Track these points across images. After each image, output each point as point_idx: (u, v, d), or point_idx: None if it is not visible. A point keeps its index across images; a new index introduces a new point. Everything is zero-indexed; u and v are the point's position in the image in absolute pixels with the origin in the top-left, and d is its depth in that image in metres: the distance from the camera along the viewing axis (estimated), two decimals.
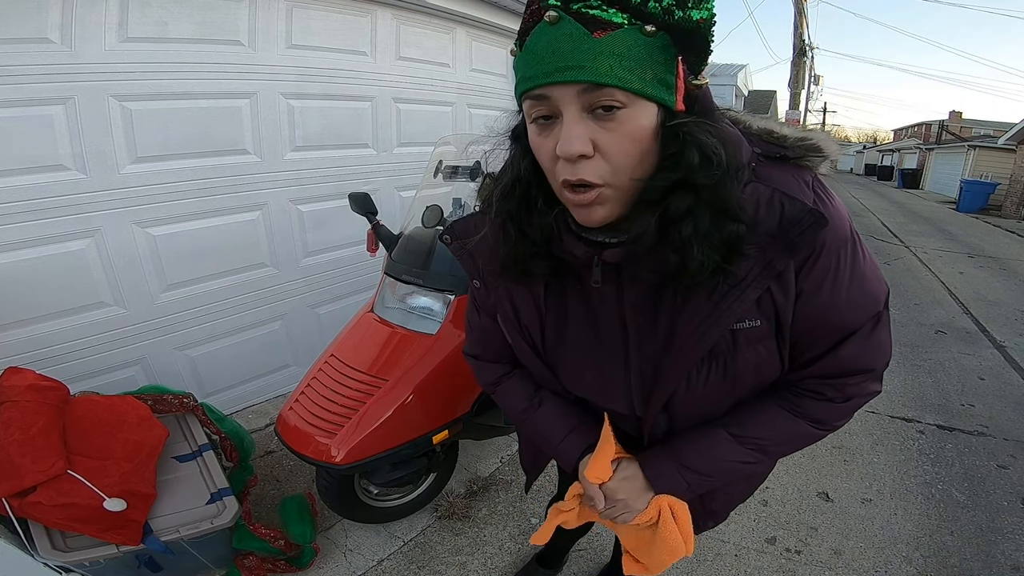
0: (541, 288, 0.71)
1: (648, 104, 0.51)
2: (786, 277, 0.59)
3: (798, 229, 0.56)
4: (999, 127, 17.70)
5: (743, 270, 0.57)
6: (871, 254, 0.65)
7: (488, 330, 0.84)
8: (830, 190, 0.62)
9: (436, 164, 1.83)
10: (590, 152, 0.51)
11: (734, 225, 0.55)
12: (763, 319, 0.62)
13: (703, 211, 0.54)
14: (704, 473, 0.74)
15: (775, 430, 0.70)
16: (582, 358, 0.74)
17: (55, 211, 1.63)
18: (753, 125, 0.66)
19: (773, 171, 0.61)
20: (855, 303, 0.63)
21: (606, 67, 0.48)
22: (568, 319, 0.72)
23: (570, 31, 0.48)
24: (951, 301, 4.45)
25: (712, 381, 0.68)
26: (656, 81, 0.50)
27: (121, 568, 1.27)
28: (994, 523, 1.81)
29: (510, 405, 0.87)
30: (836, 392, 0.68)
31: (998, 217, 10.86)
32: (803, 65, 11.70)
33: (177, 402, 1.64)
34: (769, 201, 0.57)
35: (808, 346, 0.66)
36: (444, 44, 2.83)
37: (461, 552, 1.65)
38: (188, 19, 1.81)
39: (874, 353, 0.67)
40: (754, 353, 0.65)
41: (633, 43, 0.48)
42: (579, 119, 0.51)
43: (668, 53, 0.50)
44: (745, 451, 0.71)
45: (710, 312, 0.60)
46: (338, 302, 2.61)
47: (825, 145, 0.64)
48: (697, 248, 0.54)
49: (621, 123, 0.51)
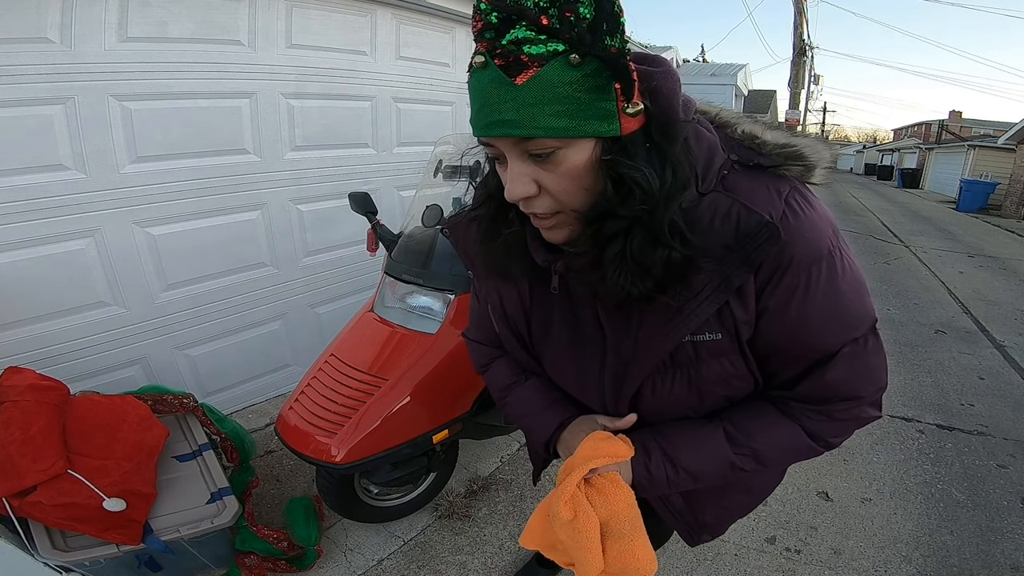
0: (526, 286, 0.73)
1: (583, 141, 0.50)
2: (746, 292, 0.58)
3: (754, 243, 0.54)
4: (999, 127, 17.69)
5: (699, 283, 0.57)
6: (856, 273, 0.62)
7: (484, 316, 0.85)
8: (810, 202, 0.59)
9: (436, 164, 1.83)
10: (533, 192, 0.54)
11: (665, 251, 0.54)
12: (724, 333, 0.61)
13: (636, 234, 0.54)
14: (688, 469, 0.69)
15: (772, 434, 0.68)
16: (565, 354, 0.76)
17: (55, 211, 1.62)
18: (739, 129, 0.63)
19: (744, 180, 0.59)
20: (830, 323, 0.60)
21: (529, 118, 0.48)
22: (553, 318, 0.74)
23: (495, 77, 0.48)
24: (951, 301, 4.45)
25: (677, 389, 0.67)
26: (588, 116, 0.49)
27: (121, 568, 1.27)
28: (994, 523, 1.81)
29: (496, 383, 0.89)
30: (822, 416, 0.66)
31: (998, 217, 10.86)
32: (803, 65, 11.71)
33: (177, 402, 1.64)
34: (727, 213, 0.56)
35: (783, 365, 0.64)
36: (444, 44, 2.83)
37: (461, 552, 1.65)
38: (188, 19, 1.81)
39: (860, 379, 0.64)
40: (718, 366, 0.64)
41: (558, 81, 0.46)
42: (520, 164, 0.53)
43: (600, 79, 0.48)
44: (735, 452, 0.68)
45: (665, 323, 0.60)
46: (338, 302, 2.61)
47: (810, 153, 0.61)
48: (614, 270, 0.55)
49: (558, 164, 0.52)
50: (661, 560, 1.61)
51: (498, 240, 0.66)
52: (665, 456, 0.70)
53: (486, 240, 0.69)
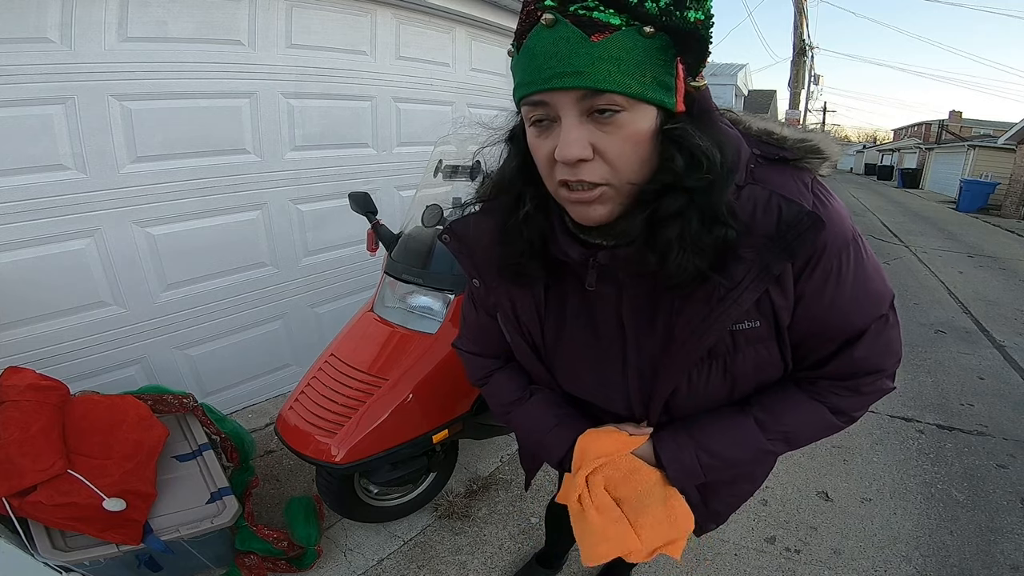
0: (541, 289, 0.71)
1: (647, 107, 0.51)
2: (785, 280, 0.60)
3: (796, 232, 0.56)
4: (999, 127, 17.70)
5: (740, 273, 0.57)
6: (874, 256, 0.65)
7: (484, 327, 0.83)
8: (830, 192, 0.62)
9: (436, 163, 1.83)
10: (589, 156, 0.51)
11: (723, 229, 0.54)
12: (763, 320, 0.62)
13: (693, 214, 0.53)
14: (722, 457, 0.71)
15: (799, 416, 0.70)
16: (581, 359, 0.74)
17: (55, 211, 1.62)
18: (753, 126, 0.66)
19: (772, 173, 0.61)
20: (859, 305, 0.63)
21: (604, 72, 0.48)
22: (567, 320, 0.72)
23: (567, 35, 0.48)
24: (951, 301, 4.45)
25: (713, 380, 0.68)
26: (655, 83, 0.50)
27: (121, 567, 1.27)
28: (993, 523, 1.81)
29: (498, 398, 0.86)
30: (850, 392, 0.68)
31: (998, 217, 10.85)
32: (803, 65, 11.70)
33: (177, 402, 1.64)
34: (767, 204, 0.57)
35: (815, 348, 0.66)
36: (444, 44, 2.83)
37: (461, 551, 1.65)
38: (188, 18, 1.81)
39: (884, 354, 0.67)
40: (754, 353, 0.65)
41: (631, 46, 0.48)
42: (578, 123, 0.51)
43: (667, 54, 0.49)
44: (766, 438, 0.70)
45: (708, 314, 0.60)
46: (338, 301, 2.61)
47: (825, 146, 0.63)
48: (678, 251, 0.54)
49: (620, 127, 0.51)
50: (661, 559, 1.61)
51: (515, 236, 0.64)
52: (699, 447, 0.71)
53: (503, 238, 0.66)
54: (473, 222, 0.74)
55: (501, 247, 0.67)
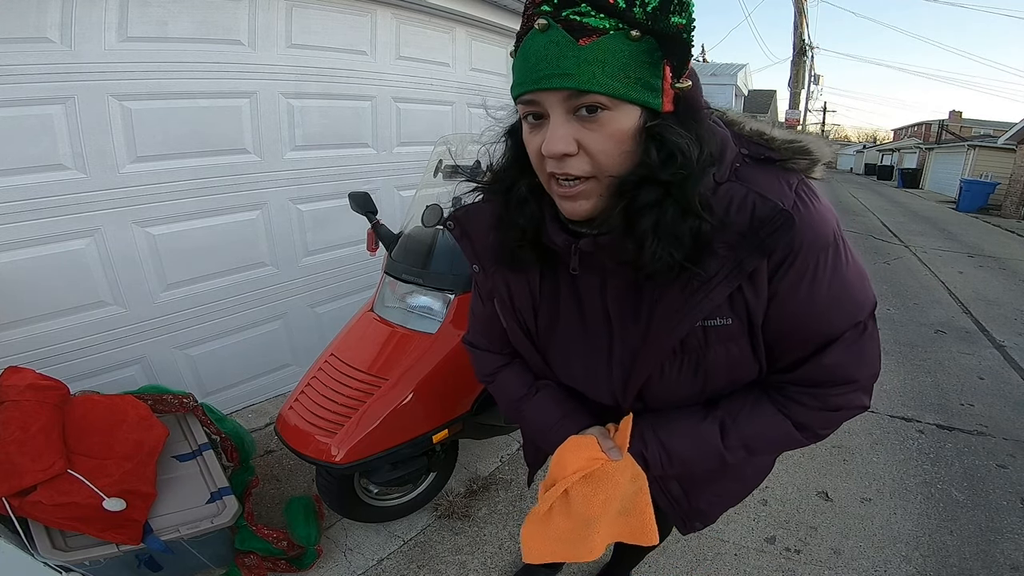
0: (536, 276, 0.74)
1: (630, 107, 0.54)
2: (758, 277, 0.61)
3: (768, 229, 0.57)
4: (999, 127, 17.70)
5: (713, 268, 0.59)
6: (858, 262, 0.65)
7: (490, 318, 0.85)
8: (816, 194, 0.63)
9: (436, 163, 1.83)
10: (574, 151, 0.55)
11: (696, 221, 0.56)
12: (735, 318, 0.63)
13: (669, 205, 0.56)
14: (681, 457, 0.73)
15: (762, 426, 0.70)
16: (571, 347, 0.76)
17: (55, 210, 1.62)
18: (746, 126, 0.68)
19: (756, 172, 0.62)
20: (835, 308, 0.63)
21: (589, 74, 0.51)
22: (560, 309, 0.75)
23: (557, 39, 0.51)
24: (951, 301, 4.45)
25: (684, 375, 0.69)
26: (639, 84, 0.52)
27: (121, 567, 1.27)
28: (993, 523, 1.81)
29: (506, 394, 0.88)
30: (818, 401, 0.68)
31: (998, 217, 10.86)
32: (803, 65, 11.71)
33: (177, 402, 1.64)
34: (742, 201, 0.59)
35: (788, 350, 0.67)
36: (444, 43, 2.83)
37: (461, 551, 1.65)
38: (188, 18, 1.81)
39: (857, 364, 0.67)
40: (725, 351, 0.66)
41: (618, 49, 0.51)
42: (564, 121, 0.54)
43: (653, 57, 0.52)
44: (726, 445, 0.71)
45: (680, 306, 0.62)
46: (338, 301, 2.61)
47: (815, 148, 0.65)
48: (653, 239, 0.56)
49: (603, 124, 0.54)
50: (661, 560, 1.61)
51: (511, 221, 0.67)
52: (662, 446, 0.73)
53: (500, 223, 0.69)
54: (474, 210, 0.77)
55: (497, 233, 0.70)
